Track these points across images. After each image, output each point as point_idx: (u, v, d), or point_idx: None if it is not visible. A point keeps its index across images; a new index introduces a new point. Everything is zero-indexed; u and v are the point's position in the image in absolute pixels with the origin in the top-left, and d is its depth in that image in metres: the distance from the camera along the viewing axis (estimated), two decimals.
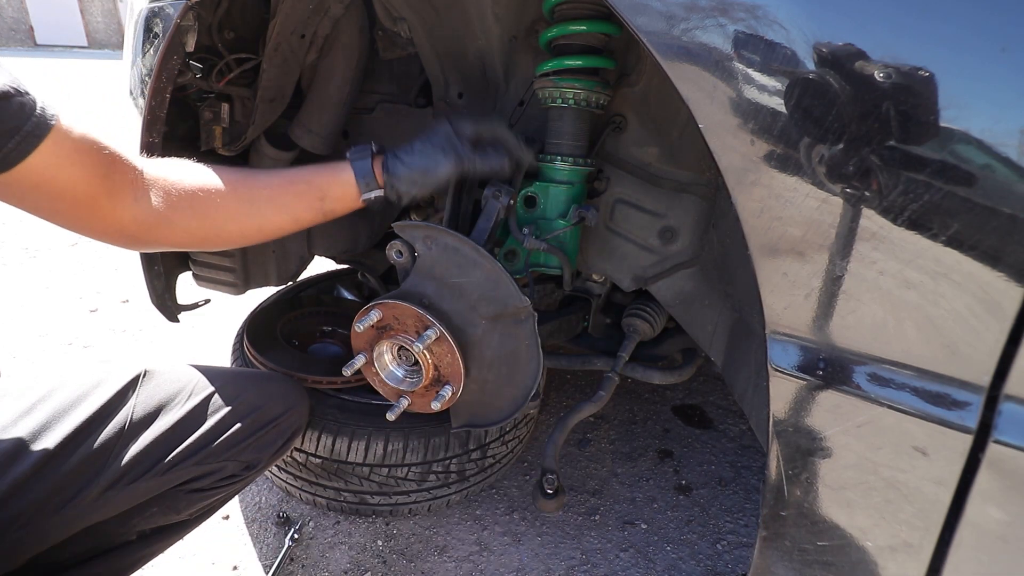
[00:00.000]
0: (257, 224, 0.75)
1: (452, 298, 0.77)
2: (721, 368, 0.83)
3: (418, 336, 0.76)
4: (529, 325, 0.76)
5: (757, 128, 0.49)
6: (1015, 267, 0.42)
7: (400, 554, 1.15)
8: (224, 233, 0.73)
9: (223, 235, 0.74)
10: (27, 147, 0.53)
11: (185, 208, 0.69)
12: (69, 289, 2.29)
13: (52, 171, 0.56)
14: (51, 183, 0.57)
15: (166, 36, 0.84)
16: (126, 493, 0.71)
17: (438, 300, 0.78)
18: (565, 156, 0.85)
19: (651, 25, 0.51)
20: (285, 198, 0.76)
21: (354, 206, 0.79)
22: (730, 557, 1.19)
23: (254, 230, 0.75)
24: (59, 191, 0.58)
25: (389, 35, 1.05)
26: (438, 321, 0.74)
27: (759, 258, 0.52)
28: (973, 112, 0.42)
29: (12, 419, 0.67)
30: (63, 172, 0.57)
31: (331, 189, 0.77)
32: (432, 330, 0.75)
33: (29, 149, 0.53)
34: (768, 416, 0.55)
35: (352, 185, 0.76)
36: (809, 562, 0.58)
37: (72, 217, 0.62)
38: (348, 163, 0.77)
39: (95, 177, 0.60)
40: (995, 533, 0.48)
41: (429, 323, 0.75)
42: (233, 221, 0.73)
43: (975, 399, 0.46)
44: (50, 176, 0.56)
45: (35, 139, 0.53)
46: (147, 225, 0.66)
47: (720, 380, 1.83)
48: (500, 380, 0.81)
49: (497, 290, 0.74)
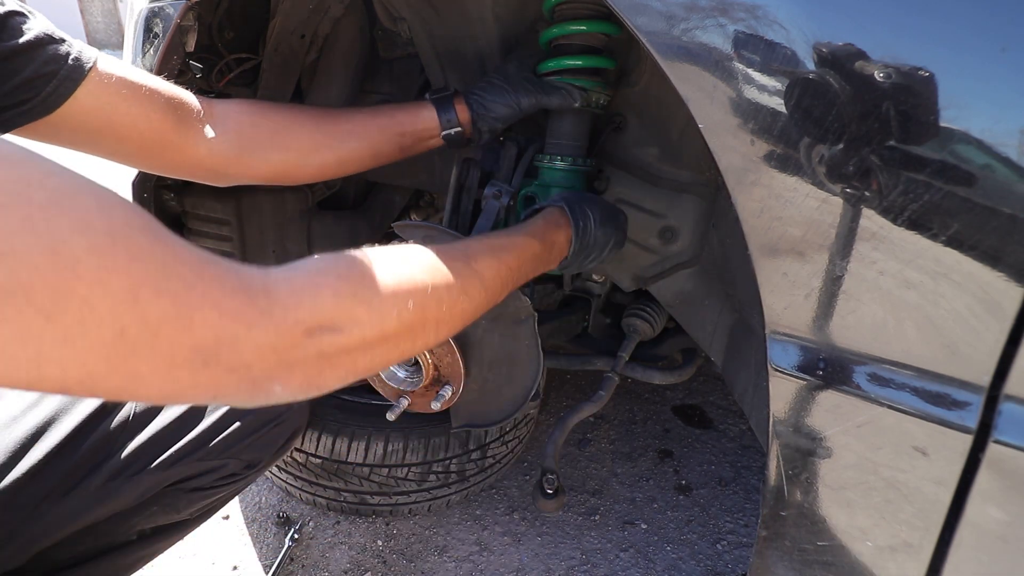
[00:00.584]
0: (337, 157, 0.76)
1: None
2: (721, 368, 0.83)
3: None
4: (529, 325, 0.76)
5: (757, 128, 0.49)
6: (1015, 267, 0.42)
7: (400, 554, 1.15)
8: (305, 166, 0.74)
9: (305, 168, 0.75)
10: (66, 89, 0.55)
11: (264, 140, 0.70)
12: None
13: (103, 111, 0.58)
14: (106, 123, 0.59)
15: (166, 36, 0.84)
16: (129, 486, 0.72)
17: None
18: (565, 156, 0.85)
19: (651, 25, 0.51)
20: (367, 130, 0.77)
21: (433, 143, 0.81)
22: (730, 557, 1.19)
23: (334, 163, 0.76)
24: (118, 130, 0.61)
25: (389, 35, 1.05)
26: None
27: (759, 258, 0.52)
28: (973, 112, 0.41)
29: (21, 410, 0.68)
30: (116, 110, 0.59)
31: (412, 124, 0.79)
32: None
33: (69, 91, 0.55)
34: (768, 416, 0.55)
35: (433, 120, 0.79)
36: (809, 562, 0.58)
37: (147, 156, 0.65)
38: (428, 102, 0.80)
39: (155, 112, 0.62)
40: (995, 533, 0.48)
41: None
42: (315, 153, 0.74)
43: (975, 399, 0.46)
44: (103, 116, 0.59)
45: (72, 82, 0.55)
46: (225, 158, 0.68)
47: (720, 380, 1.83)
48: (500, 380, 0.81)
49: None
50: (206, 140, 0.66)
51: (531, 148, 0.89)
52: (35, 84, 0.54)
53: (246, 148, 0.69)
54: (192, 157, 0.67)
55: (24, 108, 0.54)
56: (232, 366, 0.34)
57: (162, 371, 0.32)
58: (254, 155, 0.70)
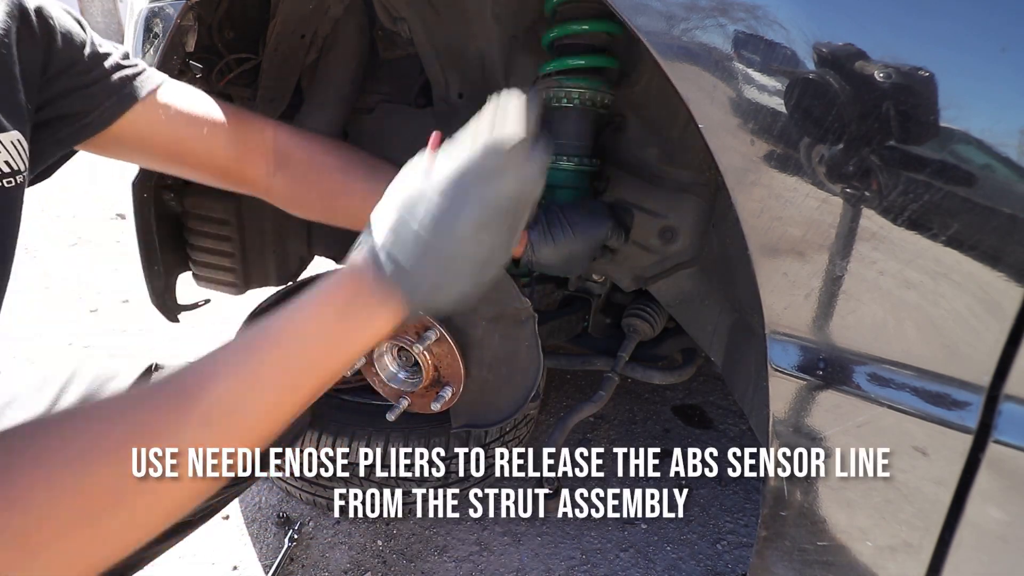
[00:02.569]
0: None
1: None
2: (721, 368, 0.83)
3: (418, 337, 0.76)
4: (529, 327, 0.76)
5: (757, 128, 0.48)
6: (1015, 267, 0.42)
7: (400, 554, 1.15)
8: (354, 212, 0.74)
9: (351, 215, 0.75)
10: (122, 106, 0.58)
11: (315, 187, 0.72)
12: (69, 289, 2.29)
13: (153, 129, 0.61)
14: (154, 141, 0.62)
15: (166, 36, 0.84)
16: None
17: None
18: (570, 156, 0.85)
19: (651, 25, 0.51)
20: None
21: None
22: (730, 557, 1.19)
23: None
24: (178, 156, 0.64)
25: (389, 35, 1.05)
26: (438, 322, 0.74)
27: (759, 258, 0.52)
28: (973, 112, 0.41)
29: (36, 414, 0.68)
30: (165, 131, 0.62)
31: None
32: (432, 331, 0.75)
33: (124, 108, 0.58)
34: (768, 416, 0.55)
35: None
36: (809, 562, 0.58)
37: (212, 180, 0.69)
38: None
39: (216, 146, 0.65)
40: (995, 533, 0.48)
41: (429, 324, 0.75)
42: (364, 204, 0.75)
43: (975, 399, 0.46)
44: (153, 134, 0.62)
45: (130, 99, 0.58)
46: (283, 199, 0.72)
47: (720, 380, 1.83)
48: (500, 381, 0.81)
49: (497, 291, 0.74)
50: (265, 178, 0.70)
51: None
52: (96, 97, 0.57)
53: (301, 196, 0.73)
54: (253, 188, 0.71)
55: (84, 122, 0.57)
56: None
57: None
58: (305, 204, 0.74)
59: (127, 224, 1.03)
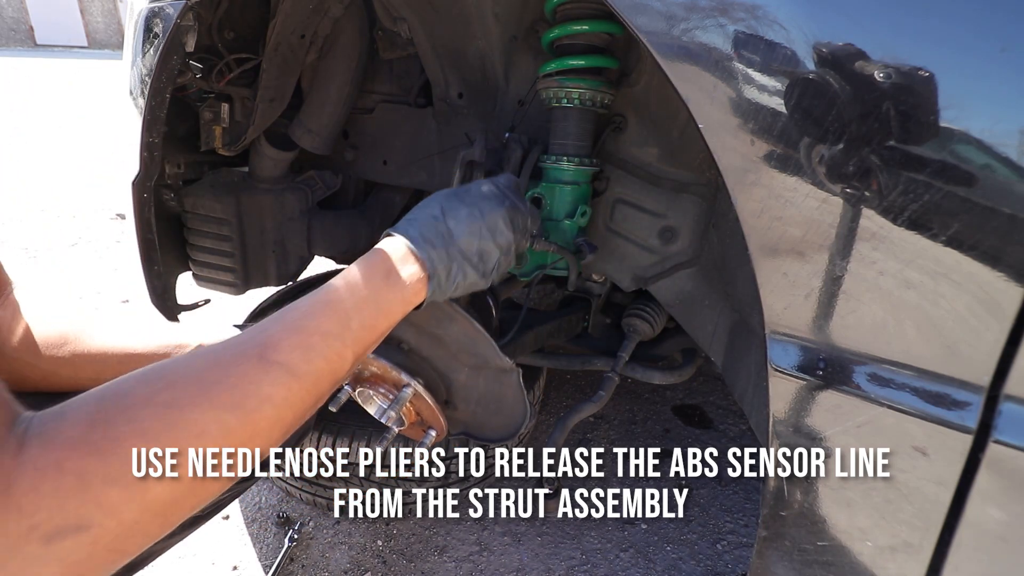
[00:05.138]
0: None
1: (433, 345, 0.74)
2: (721, 368, 0.83)
3: (395, 397, 0.71)
4: (514, 379, 0.73)
5: (757, 128, 0.48)
6: (1015, 267, 0.42)
7: (400, 554, 1.15)
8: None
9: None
10: None
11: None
12: (69, 289, 2.29)
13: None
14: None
15: (166, 36, 0.84)
16: None
17: (418, 346, 0.74)
18: (571, 156, 0.85)
19: (651, 25, 0.51)
20: None
21: None
22: (730, 557, 1.19)
23: None
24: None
25: (389, 35, 1.05)
26: (414, 378, 0.71)
27: (759, 258, 0.52)
28: (973, 112, 0.41)
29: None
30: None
31: None
32: (408, 389, 0.71)
33: None
34: (768, 416, 0.55)
35: None
36: (809, 562, 0.58)
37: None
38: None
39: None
40: (995, 533, 0.48)
41: (404, 383, 0.72)
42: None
43: (975, 399, 0.46)
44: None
45: None
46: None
47: (720, 380, 1.83)
48: (489, 413, 0.79)
49: (476, 347, 0.72)
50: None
51: (535, 149, 0.88)
52: None
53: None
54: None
55: None
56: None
57: None
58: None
59: (127, 224, 1.03)
